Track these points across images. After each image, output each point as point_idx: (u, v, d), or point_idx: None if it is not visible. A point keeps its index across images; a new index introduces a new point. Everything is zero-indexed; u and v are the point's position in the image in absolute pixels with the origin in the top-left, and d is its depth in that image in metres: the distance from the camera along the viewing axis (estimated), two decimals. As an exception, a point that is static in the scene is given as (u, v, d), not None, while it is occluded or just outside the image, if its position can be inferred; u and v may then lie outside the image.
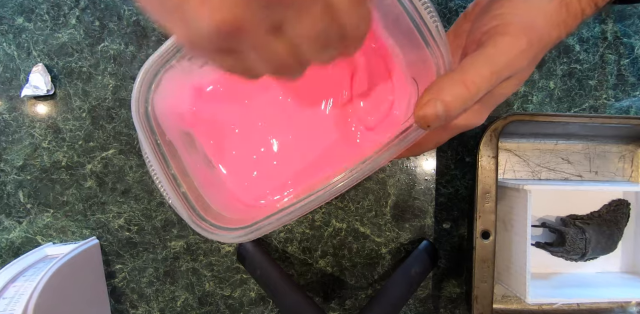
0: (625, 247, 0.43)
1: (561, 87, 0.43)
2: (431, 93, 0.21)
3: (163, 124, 0.28)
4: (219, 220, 0.27)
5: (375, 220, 0.43)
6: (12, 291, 0.32)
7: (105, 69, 0.41)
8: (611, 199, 0.43)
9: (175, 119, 0.30)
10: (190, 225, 0.26)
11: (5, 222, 0.41)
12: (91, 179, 0.42)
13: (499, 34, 0.21)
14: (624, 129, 0.39)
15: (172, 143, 0.28)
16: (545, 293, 0.38)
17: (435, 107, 0.21)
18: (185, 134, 0.31)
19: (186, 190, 0.27)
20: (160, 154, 0.27)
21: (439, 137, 0.27)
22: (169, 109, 0.29)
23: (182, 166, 0.28)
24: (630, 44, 0.43)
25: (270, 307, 0.43)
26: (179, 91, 0.30)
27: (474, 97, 0.21)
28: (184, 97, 0.31)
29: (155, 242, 0.42)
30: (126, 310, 0.42)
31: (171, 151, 0.28)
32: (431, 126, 0.21)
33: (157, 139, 0.27)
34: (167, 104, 0.29)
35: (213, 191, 0.29)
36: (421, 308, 0.43)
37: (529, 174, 0.43)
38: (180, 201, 0.26)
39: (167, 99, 0.29)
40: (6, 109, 0.41)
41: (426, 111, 0.21)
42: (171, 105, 0.30)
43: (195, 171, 0.29)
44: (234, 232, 0.25)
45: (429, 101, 0.21)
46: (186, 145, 0.30)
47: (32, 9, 0.41)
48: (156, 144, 0.27)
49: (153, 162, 0.27)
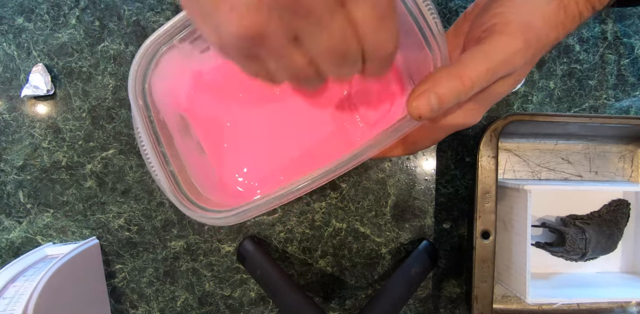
0: (625, 247, 0.43)
1: (561, 87, 0.43)
2: (426, 85, 0.21)
3: (159, 105, 0.28)
4: (205, 202, 0.27)
5: (375, 220, 0.43)
6: (12, 291, 0.32)
7: (105, 69, 0.41)
8: (611, 199, 0.43)
9: (172, 102, 0.30)
10: (174, 202, 0.26)
11: (5, 222, 0.41)
12: (91, 179, 0.42)
13: (497, 32, 0.21)
14: (624, 129, 0.39)
15: (167, 125, 0.28)
16: (545, 293, 0.38)
17: (428, 99, 0.21)
18: (181, 118, 0.31)
19: (174, 169, 0.27)
20: (152, 131, 0.27)
21: (434, 135, 0.27)
22: (167, 91, 0.29)
23: (173, 148, 0.28)
24: (630, 44, 0.43)
25: (270, 307, 0.43)
26: (178, 73, 0.30)
27: (469, 91, 0.21)
28: (182, 81, 0.31)
29: (155, 242, 0.42)
30: (126, 310, 0.42)
31: (164, 132, 0.28)
32: (423, 117, 0.21)
33: (150, 115, 0.27)
34: (165, 86, 0.29)
35: (202, 177, 0.29)
36: (421, 308, 0.43)
37: (529, 174, 0.43)
38: (167, 178, 0.26)
39: (165, 80, 0.29)
40: (6, 109, 0.41)
41: (419, 102, 0.21)
42: (169, 87, 0.30)
43: (186, 155, 0.29)
44: (217, 214, 0.25)
45: (423, 92, 0.21)
46: (180, 130, 0.30)
47: (32, 9, 0.41)
48: (149, 121, 0.27)
49: (144, 137, 0.26)
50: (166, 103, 0.29)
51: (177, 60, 0.29)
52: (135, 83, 0.27)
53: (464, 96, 0.21)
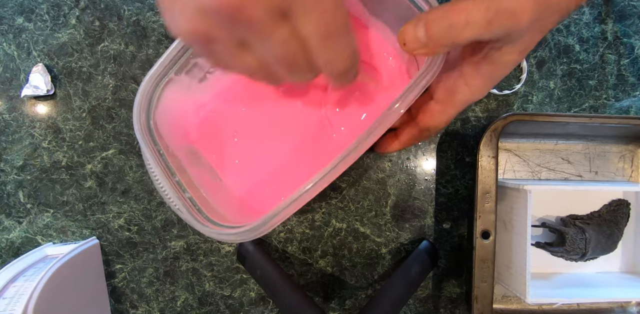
0: (625, 247, 0.43)
1: (561, 87, 0.43)
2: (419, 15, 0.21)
3: (167, 139, 0.28)
4: (226, 222, 0.26)
5: (375, 220, 0.43)
6: (12, 291, 0.32)
7: (105, 69, 0.41)
8: (611, 199, 0.43)
9: (180, 135, 0.31)
10: (201, 230, 0.25)
11: (5, 222, 0.41)
12: (91, 179, 0.42)
13: None
14: (624, 129, 0.39)
15: (177, 157, 0.29)
16: (545, 293, 0.38)
17: (416, 24, 0.20)
18: (190, 149, 0.31)
19: (192, 196, 0.27)
20: (164, 164, 0.27)
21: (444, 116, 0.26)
22: (173, 125, 0.30)
23: (187, 176, 0.28)
24: (630, 44, 0.43)
25: (270, 307, 0.43)
26: (181, 106, 0.31)
27: (463, 27, 0.19)
28: (186, 114, 0.32)
29: (155, 242, 0.42)
30: (126, 310, 0.42)
31: (175, 163, 0.28)
32: (407, 43, 0.21)
33: (159, 149, 0.27)
34: (170, 121, 0.29)
35: (222, 201, 0.29)
36: (421, 308, 0.43)
37: (529, 174, 0.43)
38: (187, 205, 0.26)
39: (169, 115, 0.29)
40: (6, 109, 0.41)
41: (407, 26, 0.21)
42: (174, 121, 0.30)
43: (201, 182, 0.29)
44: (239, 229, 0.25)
45: (414, 19, 0.21)
46: (191, 160, 0.30)
47: (32, 9, 0.41)
48: (159, 154, 0.27)
49: (156, 170, 0.26)
50: (174, 137, 0.29)
51: (177, 93, 0.29)
52: (140, 121, 0.27)
53: (452, 31, 0.20)
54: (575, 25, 0.43)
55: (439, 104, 0.26)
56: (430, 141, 0.43)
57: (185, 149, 0.30)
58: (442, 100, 0.26)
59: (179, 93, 0.29)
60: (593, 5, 0.43)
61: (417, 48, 0.21)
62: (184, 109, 0.31)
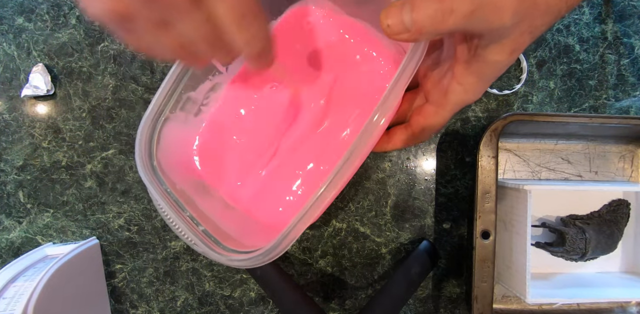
0: (625, 247, 0.43)
1: (561, 87, 0.43)
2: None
3: (172, 177, 0.28)
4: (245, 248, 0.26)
5: (375, 220, 0.43)
6: (12, 291, 0.32)
7: (105, 69, 0.41)
8: (611, 199, 0.43)
9: (184, 170, 0.31)
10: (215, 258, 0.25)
11: (5, 222, 0.41)
12: (91, 179, 0.42)
13: None
14: (624, 129, 0.39)
15: (185, 192, 0.28)
16: (545, 293, 0.38)
17: (403, 7, 0.20)
18: (196, 182, 0.31)
19: (206, 228, 0.26)
20: (173, 200, 0.27)
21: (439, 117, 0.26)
22: (175, 162, 0.30)
23: (198, 209, 0.28)
24: (630, 44, 0.43)
25: (270, 307, 0.43)
26: (182, 143, 0.31)
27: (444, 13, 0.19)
28: (188, 149, 0.32)
29: (155, 242, 0.42)
30: (126, 310, 0.42)
31: (184, 197, 0.28)
32: (391, 25, 0.20)
33: (167, 188, 0.27)
34: (172, 158, 0.29)
35: (237, 227, 0.29)
36: (421, 308, 0.43)
37: (529, 174, 0.43)
38: (202, 238, 0.26)
39: (172, 153, 0.29)
40: (6, 109, 0.41)
41: (393, 7, 0.20)
42: (176, 157, 0.30)
43: (213, 212, 0.29)
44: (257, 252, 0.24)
45: (401, 1, 0.20)
46: (200, 193, 0.30)
47: (32, 9, 0.41)
48: (166, 193, 0.27)
49: (165, 208, 0.26)
50: (179, 173, 0.29)
51: (176, 130, 0.29)
52: (143, 163, 0.27)
53: (440, 19, 0.19)
54: (575, 25, 0.43)
55: (433, 105, 0.26)
56: (430, 141, 0.43)
57: (192, 182, 0.30)
58: (436, 101, 0.26)
59: (178, 129, 0.30)
60: (593, 5, 0.43)
61: (400, 32, 0.21)
62: (185, 144, 0.31)
